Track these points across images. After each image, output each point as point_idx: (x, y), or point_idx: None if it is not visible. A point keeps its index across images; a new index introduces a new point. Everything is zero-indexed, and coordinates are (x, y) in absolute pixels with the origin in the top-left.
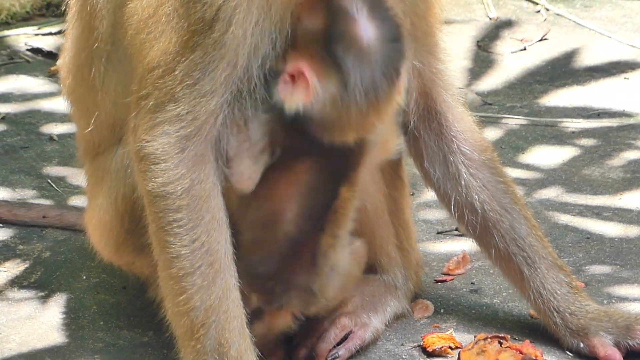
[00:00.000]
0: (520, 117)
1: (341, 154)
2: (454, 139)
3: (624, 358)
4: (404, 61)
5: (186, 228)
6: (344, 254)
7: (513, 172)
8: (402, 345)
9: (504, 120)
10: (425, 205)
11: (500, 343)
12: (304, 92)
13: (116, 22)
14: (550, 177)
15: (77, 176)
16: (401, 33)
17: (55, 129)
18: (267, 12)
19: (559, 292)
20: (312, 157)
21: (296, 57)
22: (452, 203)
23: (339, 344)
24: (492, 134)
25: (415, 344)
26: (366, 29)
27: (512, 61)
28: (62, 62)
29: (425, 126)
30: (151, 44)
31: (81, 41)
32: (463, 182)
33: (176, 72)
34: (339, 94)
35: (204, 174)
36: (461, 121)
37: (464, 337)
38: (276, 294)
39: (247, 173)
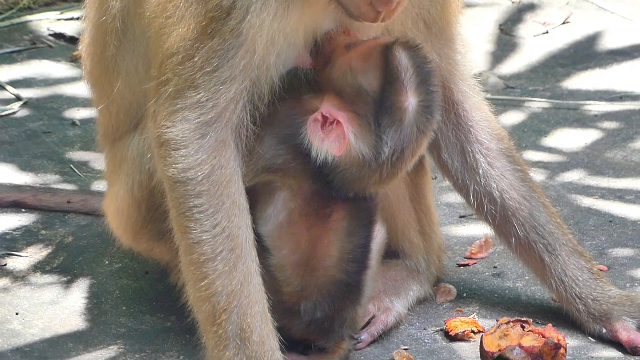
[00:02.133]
0: (542, 100)
1: (369, 196)
2: (471, 129)
3: None
4: (432, 131)
5: (207, 214)
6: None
7: (535, 156)
8: (424, 329)
9: (526, 104)
10: (447, 189)
11: (523, 327)
12: (337, 144)
13: None
14: (573, 160)
15: (99, 161)
16: (438, 106)
17: (78, 113)
18: (286, 10)
19: (580, 278)
20: (344, 203)
21: (335, 102)
22: (471, 193)
23: (362, 328)
24: (515, 117)
25: (438, 328)
26: (412, 103)
27: (534, 44)
28: (82, 45)
29: (442, 117)
30: (170, 30)
31: (95, 20)
32: (481, 172)
33: (195, 59)
34: (369, 158)
35: (224, 160)
36: (478, 110)
37: (487, 321)
38: (335, 330)
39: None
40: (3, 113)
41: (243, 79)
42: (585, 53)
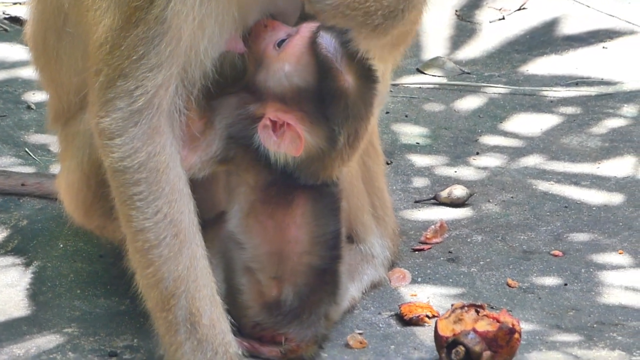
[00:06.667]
0: (499, 85)
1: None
2: None
3: None
4: (377, 97)
5: (147, 201)
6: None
7: (492, 141)
8: (379, 313)
9: (483, 89)
10: (402, 173)
11: (477, 311)
12: (294, 145)
13: None
14: (529, 145)
15: (54, 144)
16: (374, 71)
17: (33, 97)
18: None
19: None
20: (305, 188)
21: (279, 107)
22: None
23: None
24: (471, 102)
25: (393, 313)
26: (351, 83)
27: (490, 30)
28: (26, 33)
29: None
30: (99, 21)
31: (36, 13)
32: None
33: (122, 48)
34: (328, 149)
35: (159, 147)
36: None
37: (441, 306)
38: (313, 324)
39: (191, 165)
40: None
41: (170, 65)
42: (541, 39)
